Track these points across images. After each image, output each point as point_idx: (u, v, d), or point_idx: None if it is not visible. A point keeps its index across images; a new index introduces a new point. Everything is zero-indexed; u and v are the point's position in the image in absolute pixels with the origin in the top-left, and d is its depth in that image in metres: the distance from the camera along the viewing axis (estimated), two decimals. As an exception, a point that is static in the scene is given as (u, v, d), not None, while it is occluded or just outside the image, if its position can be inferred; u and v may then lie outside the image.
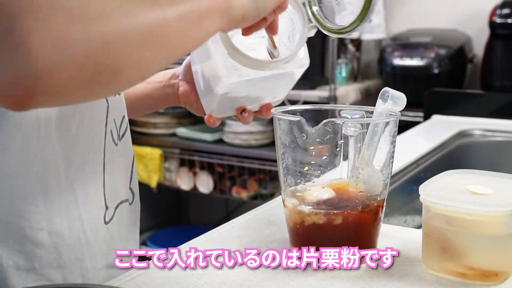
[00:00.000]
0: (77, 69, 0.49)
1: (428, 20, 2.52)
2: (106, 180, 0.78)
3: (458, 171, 0.78)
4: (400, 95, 0.73)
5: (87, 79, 0.50)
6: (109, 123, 0.78)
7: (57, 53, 0.47)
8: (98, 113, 0.76)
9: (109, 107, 0.78)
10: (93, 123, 0.75)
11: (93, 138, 0.75)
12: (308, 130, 0.73)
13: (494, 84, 2.17)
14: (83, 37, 0.49)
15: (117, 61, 0.52)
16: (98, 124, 0.76)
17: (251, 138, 2.48)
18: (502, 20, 2.11)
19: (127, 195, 0.84)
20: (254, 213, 0.93)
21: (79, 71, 0.49)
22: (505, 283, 0.69)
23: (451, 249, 0.69)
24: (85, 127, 0.74)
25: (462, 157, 1.52)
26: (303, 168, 0.75)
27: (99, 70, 0.51)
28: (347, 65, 2.50)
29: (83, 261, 0.76)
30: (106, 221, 0.79)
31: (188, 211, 3.20)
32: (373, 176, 0.73)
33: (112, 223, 0.80)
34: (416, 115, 2.00)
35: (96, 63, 0.50)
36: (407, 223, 1.17)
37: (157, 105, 1.04)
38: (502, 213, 0.67)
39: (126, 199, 0.84)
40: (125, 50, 0.52)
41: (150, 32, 0.54)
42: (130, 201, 0.85)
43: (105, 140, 0.77)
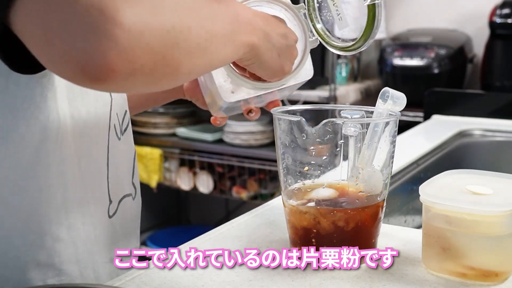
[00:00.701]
0: (152, 56, 0.53)
1: (428, 20, 2.52)
2: (110, 174, 0.79)
3: (458, 171, 0.78)
4: (400, 95, 0.73)
5: (155, 67, 0.54)
6: (113, 117, 0.80)
7: (140, 36, 0.52)
8: (103, 107, 0.77)
9: (112, 102, 0.80)
10: (98, 117, 0.76)
11: (98, 133, 0.77)
12: (308, 130, 0.73)
13: (494, 84, 2.17)
14: (162, 29, 0.54)
15: (182, 59, 0.57)
16: (103, 118, 0.77)
17: (251, 138, 2.48)
18: (502, 20, 2.11)
19: (130, 189, 0.86)
20: (254, 213, 0.93)
21: (152, 58, 0.53)
22: (505, 283, 0.69)
23: (451, 249, 0.69)
24: (91, 121, 0.75)
25: (462, 157, 1.52)
26: (303, 168, 0.75)
27: (167, 63, 0.55)
28: (347, 65, 2.50)
29: (94, 255, 0.77)
30: (110, 215, 0.80)
31: (188, 211, 3.20)
32: (373, 176, 0.73)
33: (116, 217, 0.81)
34: (416, 115, 2.00)
35: (166, 55, 0.55)
36: (407, 223, 1.17)
37: (163, 98, 1.05)
38: (502, 213, 0.67)
39: (130, 194, 0.85)
40: (191, 52, 0.58)
41: (210, 42, 0.60)
42: (133, 196, 0.86)
43: (109, 134, 0.79)
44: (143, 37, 0.52)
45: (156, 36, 0.53)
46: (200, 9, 0.60)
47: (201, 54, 0.60)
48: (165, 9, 0.55)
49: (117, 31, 0.50)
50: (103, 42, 0.50)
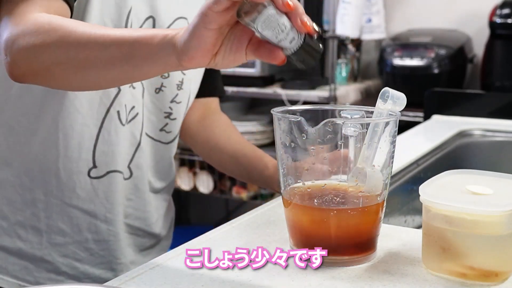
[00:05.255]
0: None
1: (428, 20, 2.52)
2: (98, 145, 0.97)
3: (458, 171, 0.78)
4: (400, 95, 0.73)
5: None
6: (116, 104, 0.97)
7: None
8: (105, 93, 0.97)
9: (119, 94, 0.97)
10: (93, 99, 0.96)
11: (92, 109, 0.96)
12: (308, 130, 0.73)
13: (494, 84, 2.17)
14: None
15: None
16: (99, 100, 0.96)
17: (251, 138, 2.48)
18: (502, 20, 2.11)
19: (124, 170, 1.02)
20: (254, 213, 0.93)
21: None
22: (505, 283, 0.69)
23: (451, 249, 0.69)
24: (85, 99, 0.95)
25: (462, 157, 1.52)
26: (303, 168, 0.75)
27: None
28: (347, 65, 2.50)
29: (94, 213, 1.01)
30: (92, 176, 0.99)
31: (188, 211, 3.20)
32: (373, 176, 0.73)
33: (98, 181, 0.99)
34: (416, 115, 2.00)
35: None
36: (407, 223, 1.17)
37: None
38: (502, 213, 0.67)
39: (121, 172, 1.01)
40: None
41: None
42: (124, 177, 1.02)
43: (106, 114, 0.97)
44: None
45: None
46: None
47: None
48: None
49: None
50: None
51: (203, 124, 1.19)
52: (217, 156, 1.19)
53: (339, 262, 0.73)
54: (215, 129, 1.19)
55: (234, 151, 1.16)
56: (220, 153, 1.18)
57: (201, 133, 1.19)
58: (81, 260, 1.01)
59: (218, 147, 1.18)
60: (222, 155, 1.18)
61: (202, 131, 1.19)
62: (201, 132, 1.19)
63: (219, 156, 1.18)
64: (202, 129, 1.19)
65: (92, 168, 0.98)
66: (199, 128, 1.19)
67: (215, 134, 1.18)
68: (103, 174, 0.99)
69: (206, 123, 1.19)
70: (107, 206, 1.01)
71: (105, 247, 1.03)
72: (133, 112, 1.00)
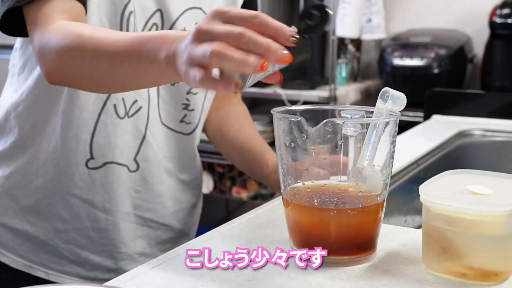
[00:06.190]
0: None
1: (428, 20, 2.52)
2: (95, 137, 1.00)
3: (458, 171, 0.78)
4: (400, 95, 0.73)
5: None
6: (112, 98, 0.99)
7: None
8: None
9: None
10: (89, 92, 0.97)
11: (88, 102, 0.99)
12: (308, 130, 0.73)
13: (494, 84, 2.17)
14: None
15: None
16: (95, 94, 0.98)
17: (251, 138, 2.48)
18: (502, 20, 2.11)
19: (129, 163, 1.03)
20: (254, 213, 0.93)
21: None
22: (505, 283, 0.69)
23: (451, 249, 0.69)
24: (82, 93, 0.98)
25: (462, 157, 1.52)
26: (303, 168, 0.75)
27: None
28: (347, 65, 2.50)
29: (92, 202, 1.03)
30: (89, 167, 1.01)
31: (188, 211, 3.20)
32: (373, 176, 0.73)
33: (96, 172, 1.01)
34: (416, 115, 2.00)
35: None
36: (407, 223, 1.17)
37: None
38: (502, 213, 0.67)
39: (124, 165, 1.03)
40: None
41: None
42: (130, 169, 1.04)
43: (103, 107, 0.99)
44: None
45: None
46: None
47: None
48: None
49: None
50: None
51: (218, 114, 1.20)
52: (225, 146, 1.20)
53: (339, 262, 0.73)
54: (228, 120, 1.20)
55: (241, 144, 1.17)
56: (228, 144, 1.19)
57: (214, 121, 1.20)
58: (82, 247, 1.04)
59: (228, 138, 1.19)
60: (230, 146, 1.19)
61: (215, 118, 1.20)
62: (214, 120, 1.20)
63: (227, 147, 1.20)
64: (216, 118, 1.20)
65: (89, 159, 1.01)
66: (214, 116, 1.20)
67: (227, 124, 1.19)
68: (100, 165, 1.02)
69: (220, 113, 1.20)
70: (105, 196, 1.03)
71: (105, 236, 1.05)
72: (136, 106, 1.02)
